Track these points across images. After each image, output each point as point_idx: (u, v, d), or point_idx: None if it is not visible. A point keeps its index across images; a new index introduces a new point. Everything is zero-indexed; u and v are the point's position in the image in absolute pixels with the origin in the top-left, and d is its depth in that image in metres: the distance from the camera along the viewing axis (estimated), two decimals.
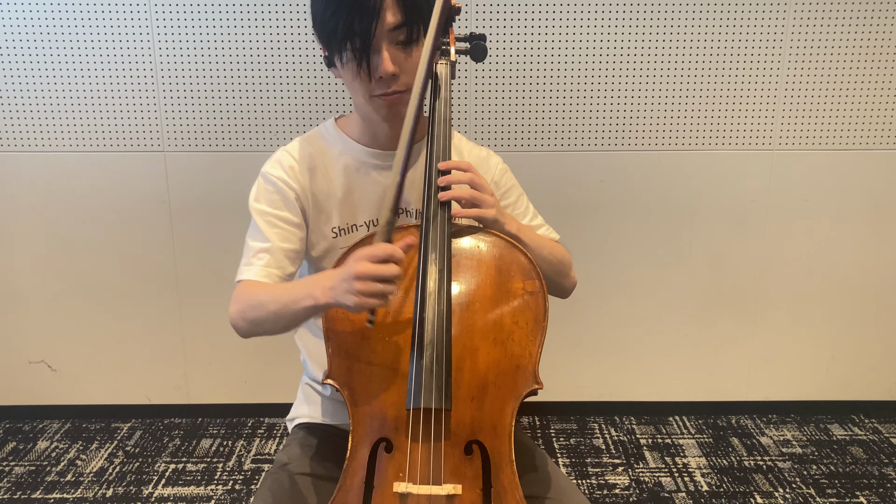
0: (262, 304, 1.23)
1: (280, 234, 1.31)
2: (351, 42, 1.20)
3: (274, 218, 1.32)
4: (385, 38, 1.21)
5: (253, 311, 1.25)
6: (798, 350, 2.76)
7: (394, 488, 1.14)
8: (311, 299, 1.17)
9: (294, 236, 1.33)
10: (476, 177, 1.26)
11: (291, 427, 1.53)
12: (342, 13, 1.18)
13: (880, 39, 2.47)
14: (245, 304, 1.26)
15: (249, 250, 1.32)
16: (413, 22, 1.21)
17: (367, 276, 1.09)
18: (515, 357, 1.21)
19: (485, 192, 1.25)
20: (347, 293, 1.10)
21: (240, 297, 1.28)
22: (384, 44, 1.21)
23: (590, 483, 2.40)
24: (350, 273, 1.09)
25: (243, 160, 2.53)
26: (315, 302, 1.16)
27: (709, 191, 2.60)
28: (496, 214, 1.25)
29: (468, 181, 1.25)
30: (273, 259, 1.30)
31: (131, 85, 2.47)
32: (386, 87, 1.25)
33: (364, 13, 1.18)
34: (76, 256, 2.62)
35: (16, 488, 2.37)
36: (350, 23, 1.18)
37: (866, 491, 2.36)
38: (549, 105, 2.51)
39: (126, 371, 2.74)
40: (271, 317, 1.23)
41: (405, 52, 1.23)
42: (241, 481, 2.42)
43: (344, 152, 1.37)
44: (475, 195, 1.24)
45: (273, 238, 1.31)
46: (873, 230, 2.64)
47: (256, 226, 1.32)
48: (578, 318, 2.69)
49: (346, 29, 1.19)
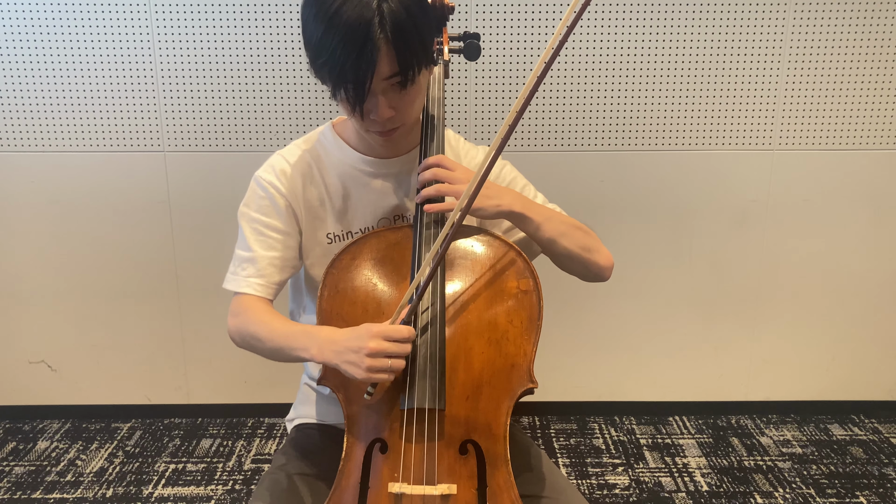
0: (260, 339, 1.26)
1: (265, 243, 1.31)
2: (344, 89, 1.15)
3: (260, 225, 1.32)
4: (380, 86, 1.16)
5: (250, 339, 1.28)
6: (798, 350, 2.75)
7: (389, 489, 1.14)
8: (305, 353, 1.19)
9: (280, 244, 1.32)
10: (441, 170, 1.24)
11: (291, 427, 1.53)
12: (335, 61, 1.12)
13: (880, 39, 2.46)
14: (242, 326, 1.29)
15: (235, 259, 1.33)
16: (409, 68, 1.14)
17: (382, 353, 1.10)
18: (510, 356, 1.20)
19: (456, 183, 1.23)
20: (354, 365, 1.12)
21: (239, 313, 1.30)
22: (379, 91, 1.16)
23: (590, 483, 2.40)
24: (362, 347, 1.11)
25: (243, 160, 2.53)
26: (310, 357, 1.18)
27: (709, 191, 2.59)
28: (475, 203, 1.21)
29: (431, 178, 1.24)
30: (256, 270, 1.31)
31: (131, 85, 2.47)
32: (381, 128, 1.23)
33: (359, 64, 1.11)
34: (76, 256, 2.62)
35: (16, 488, 2.37)
36: (344, 72, 1.12)
37: (866, 491, 2.35)
38: (548, 105, 2.50)
39: (126, 371, 2.75)
40: (266, 352, 1.27)
41: (401, 93, 1.18)
42: (241, 481, 2.42)
43: (340, 159, 1.36)
44: (440, 189, 1.23)
45: (256, 247, 1.31)
46: (873, 230, 2.64)
47: (242, 233, 1.33)
48: (578, 318, 2.69)
49: (340, 76, 1.13)
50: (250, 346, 1.29)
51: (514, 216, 1.26)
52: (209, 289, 2.64)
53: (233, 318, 1.30)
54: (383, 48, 1.10)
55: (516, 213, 1.25)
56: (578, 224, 1.32)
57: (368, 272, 1.26)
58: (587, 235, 1.31)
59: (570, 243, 1.28)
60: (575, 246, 1.28)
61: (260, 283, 1.30)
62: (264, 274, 1.30)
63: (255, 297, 1.30)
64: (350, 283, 1.26)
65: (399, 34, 1.10)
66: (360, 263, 1.27)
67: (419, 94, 1.22)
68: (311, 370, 1.50)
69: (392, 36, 1.10)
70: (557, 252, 1.29)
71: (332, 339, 1.16)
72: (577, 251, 1.29)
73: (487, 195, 1.23)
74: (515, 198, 1.26)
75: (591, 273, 1.33)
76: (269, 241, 1.31)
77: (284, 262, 1.33)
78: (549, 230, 1.26)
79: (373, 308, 1.23)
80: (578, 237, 1.29)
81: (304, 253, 1.38)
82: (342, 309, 1.24)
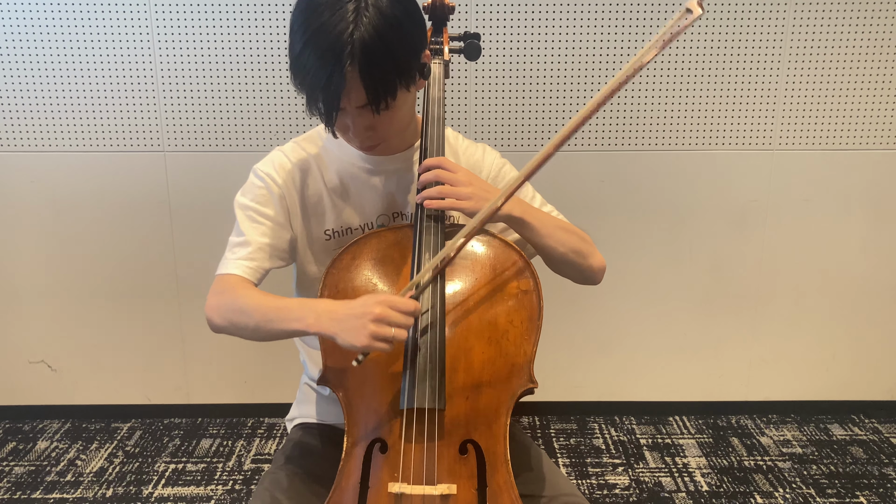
0: (247, 312, 1.22)
1: (258, 229, 1.31)
2: (316, 108, 1.16)
3: (254, 213, 1.32)
4: (353, 111, 1.17)
5: (234, 314, 1.24)
6: (798, 350, 2.75)
7: (389, 488, 1.14)
8: (300, 323, 1.16)
9: (273, 233, 1.32)
10: (443, 172, 1.24)
11: (291, 427, 1.53)
12: (307, 82, 1.13)
13: (880, 39, 2.46)
14: (226, 303, 1.25)
15: (228, 246, 1.33)
16: (379, 99, 1.14)
17: (387, 321, 1.09)
18: (510, 356, 1.21)
19: (458, 185, 1.23)
20: (356, 331, 1.09)
21: (221, 290, 1.27)
22: (352, 113, 1.18)
23: (590, 483, 2.40)
24: (367, 313, 1.09)
25: (243, 160, 2.50)
26: (305, 328, 1.15)
27: (709, 191, 2.59)
28: (473, 205, 1.22)
29: (433, 179, 1.24)
30: (247, 253, 1.29)
31: (131, 85, 2.47)
32: (359, 144, 1.26)
33: (328, 90, 1.11)
34: (76, 256, 2.62)
35: (16, 488, 2.37)
36: (315, 93, 1.13)
37: (866, 491, 2.35)
38: (548, 105, 2.50)
39: (126, 371, 2.75)
40: (250, 328, 1.23)
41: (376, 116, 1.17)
42: (241, 481, 2.42)
43: (339, 156, 1.36)
44: (442, 191, 1.23)
45: (249, 232, 1.30)
46: (873, 230, 2.64)
47: (237, 221, 1.33)
48: (578, 318, 2.69)
49: (311, 97, 1.14)
50: (232, 323, 1.24)
51: (513, 220, 1.26)
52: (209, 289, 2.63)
53: (214, 296, 1.27)
54: (352, 80, 1.11)
55: (516, 218, 1.25)
56: (574, 228, 1.33)
57: (368, 272, 1.26)
58: (583, 241, 1.32)
59: (565, 248, 1.29)
60: (570, 251, 1.30)
61: (248, 265, 1.29)
62: (254, 258, 1.29)
63: (240, 278, 1.28)
64: (350, 282, 1.26)
65: (370, 65, 1.10)
66: (361, 263, 1.27)
67: (397, 113, 1.22)
68: (311, 370, 1.50)
69: (362, 68, 1.10)
70: (553, 256, 1.30)
71: (331, 309, 1.14)
72: (572, 256, 1.30)
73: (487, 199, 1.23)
74: (515, 202, 1.26)
75: (584, 276, 1.35)
76: (262, 228, 1.31)
77: (274, 251, 1.32)
78: (546, 235, 1.27)
79: None
80: (574, 242, 1.30)
81: (301, 249, 1.38)
82: None
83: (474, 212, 1.21)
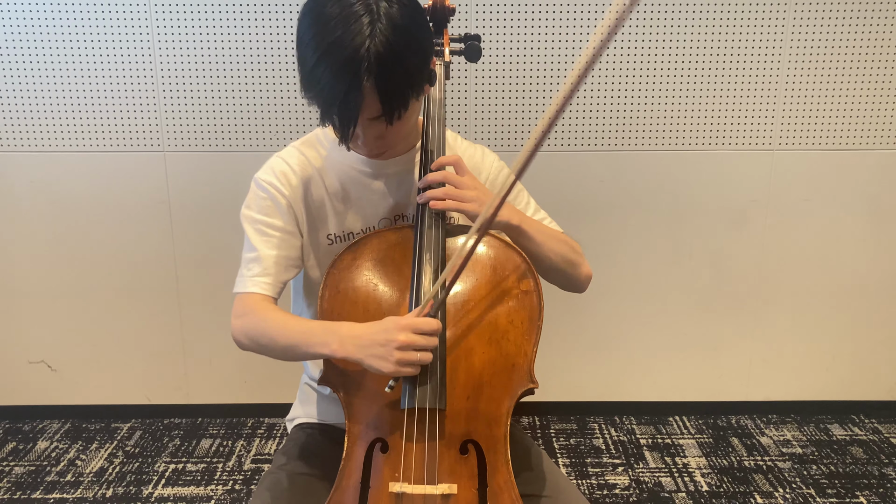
0: (272, 337, 1.24)
1: (269, 242, 1.31)
2: (331, 121, 1.17)
3: (263, 226, 1.32)
4: (366, 123, 1.18)
5: (261, 338, 1.26)
6: (798, 350, 2.75)
7: (389, 488, 1.14)
8: (325, 348, 1.17)
9: (285, 243, 1.32)
10: (451, 174, 1.26)
11: (291, 427, 1.53)
12: (324, 97, 1.13)
13: (880, 39, 2.46)
14: (251, 326, 1.26)
15: (243, 262, 1.33)
16: (393, 110, 1.15)
17: (411, 346, 1.10)
18: (511, 356, 1.21)
19: (463, 188, 1.25)
20: (382, 359, 1.11)
21: (246, 313, 1.27)
22: (365, 125, 1.18)
23: (590, 483, 2.40)
24: (391, 340, 1.10)
25: (243, 160, 2.53)
26: (330, 353, 1.17)
27: (709, 190, 2.59)
28: (476, 208, 1.23)
29: (441, 179, 1.25)
30: (262, 269, 1.29)
31: (131, 85, 2.47)
32: (368, 152, 1.29)
33: (346, 105, 1.12)
34: (76, 256, 2.62)
35: (16, 488, 2.37)
36: (331, 108, 1.14)
37: (866, 491, 2.35)
38: (548, 105, 2.50)
39: (126, 371, 2.74)
40: (278, 350, 1.25)
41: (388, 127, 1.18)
42: (241, 481, 2.42)
43: (339, 160, 1.36)
44: (448, 192, 1.24)
45: (261, 246, 1.30)
46: (873, 230, 2.64)
47: (247, 235, 1.33)
48: (578, 318, 2.69)
49: (327, 111, 1.15)
50: (259, 346, 1.26)
51: (510, 228, 1.28)
52: (209, 289, 2.64)
53: (237, 319, 1.28)
54: (369, 94, 1.12)
55: (513, 226, 1.28)
56: (566, 238, 1.38)
57: (369, 272, 1.27)
58: (573, 251, 1.37)
59: (557, 258, 1.33)
60: (561, 260, 1.34)
61: (266, 281, 1.29)
62: (269, 272, 1.30)
63: (260, 296, 1.28)
64: (351, 283, 1.26)
65: (385, 79, 1.11)
66: (361, 264, 1.27)
67: (407, 122, 1.23)
68: (311, 370, 1.50)
69: (377, 81, 1.11)
70: (544, 264, 1.33)
71: (355, 333, 1.15)
72: (562, 265, 1.34)
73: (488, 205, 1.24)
74: (513, 211, 1.29)
75: (571, 284, 1.40)
76: (273, 240, 1.31)
77: (288, 261, 1.33)
78: (540, 244, 1.30)
79: (373, 308, 1.23)
80: (565, 252, 1.35)
81: (305, 254, 1.38)
82: (343, 309, 1.24)
83: (476, 214, 1.21)
